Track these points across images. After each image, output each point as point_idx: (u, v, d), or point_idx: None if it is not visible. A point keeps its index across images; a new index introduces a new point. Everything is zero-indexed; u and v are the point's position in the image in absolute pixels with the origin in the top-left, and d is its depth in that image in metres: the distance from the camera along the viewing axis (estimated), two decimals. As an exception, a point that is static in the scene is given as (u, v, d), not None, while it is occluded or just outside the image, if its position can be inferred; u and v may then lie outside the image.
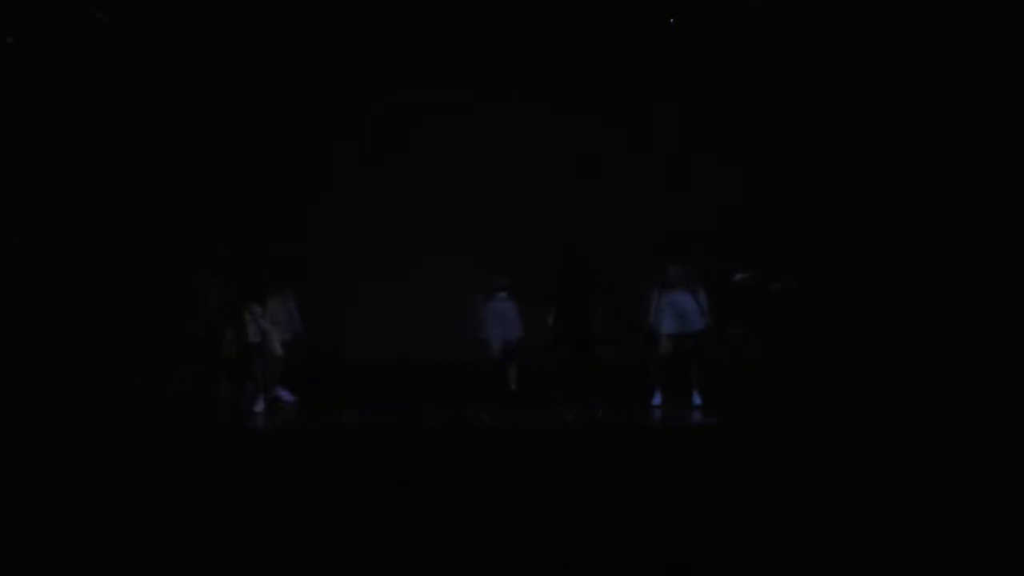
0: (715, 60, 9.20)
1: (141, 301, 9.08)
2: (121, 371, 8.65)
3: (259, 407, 8.02)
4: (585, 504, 5.46)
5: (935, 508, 5.41)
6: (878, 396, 8.60)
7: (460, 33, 8.94)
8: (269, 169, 9.57)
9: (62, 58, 8.65)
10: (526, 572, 4.56)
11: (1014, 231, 8.88)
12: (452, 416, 7.70)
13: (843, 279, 9.35)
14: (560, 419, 7.72)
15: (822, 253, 9.39)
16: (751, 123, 9.74)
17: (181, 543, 4.86)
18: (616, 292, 8.43)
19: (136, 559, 4.65)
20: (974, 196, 9.08)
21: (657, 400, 8.37)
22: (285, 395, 8.29)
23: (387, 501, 5.47)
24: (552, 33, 8.92)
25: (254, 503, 5.52)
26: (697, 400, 8.35)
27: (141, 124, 9.28)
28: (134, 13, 8.46)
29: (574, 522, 5.19)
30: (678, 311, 8.20)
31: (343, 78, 9.45)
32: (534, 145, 9.61)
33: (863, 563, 4.62)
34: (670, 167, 9.64)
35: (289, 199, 9.47)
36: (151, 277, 9.19)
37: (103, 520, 5.16)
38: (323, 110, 9.63)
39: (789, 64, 9.23)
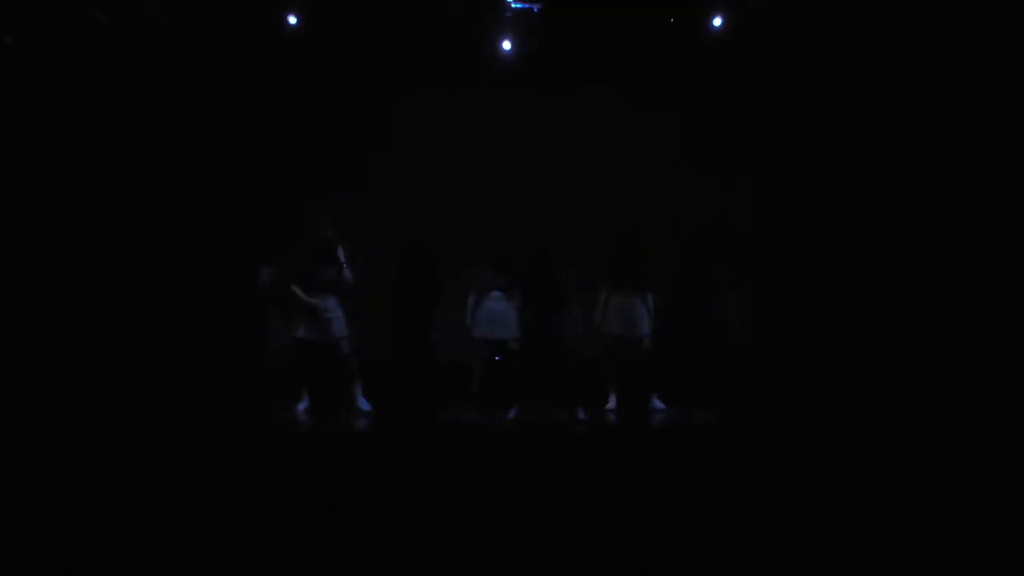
0: (715, 47, 9.05)
1: (140, 302, 9.12)
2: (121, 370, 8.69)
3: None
4: (579, 505, 5.47)
5: (929, 506, 5.42)
6: (881, 392, 8.62)
7: (460, 33, 8.96)
8: (269, 169, 9.59)
9: (62, 58, 8.66)
10: (525, 572, 4.57)
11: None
12: (449, 417, 7.69)
13: (845, 275, 9.36)
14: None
15: (825, 248, 9.41)
16: (754, 112, 9.66)
17: (180, 543, 4.87)
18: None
19: (136, 559, 4.67)
20: (977, 192, 9.08)
21: (612, 404, 8.16)
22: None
23: (383, 502, 5.47)
24: (550, 30, 8.94)
25: (253, 504, 5.53)
26: (659, 405, 8.16)
27: (141, 124, 9.31)
28: (134, 13, 8.48)
29: (571, 523, 5.19)
30: (624, 314, 8.01)
31: (342, 79, 9.48)
32: (533, 142, 9.61)
33: (858, 561, 4.63)
34: (668, 158, 9.62)
35: (288, 200, 9.49)
36: (150, 278, 9.23)
37: (107, 520, 5.19)
38: (322, 110, 9.66)
39: (793, 50, 9.12)
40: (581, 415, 7.72)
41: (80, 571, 4.64)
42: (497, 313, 8.05)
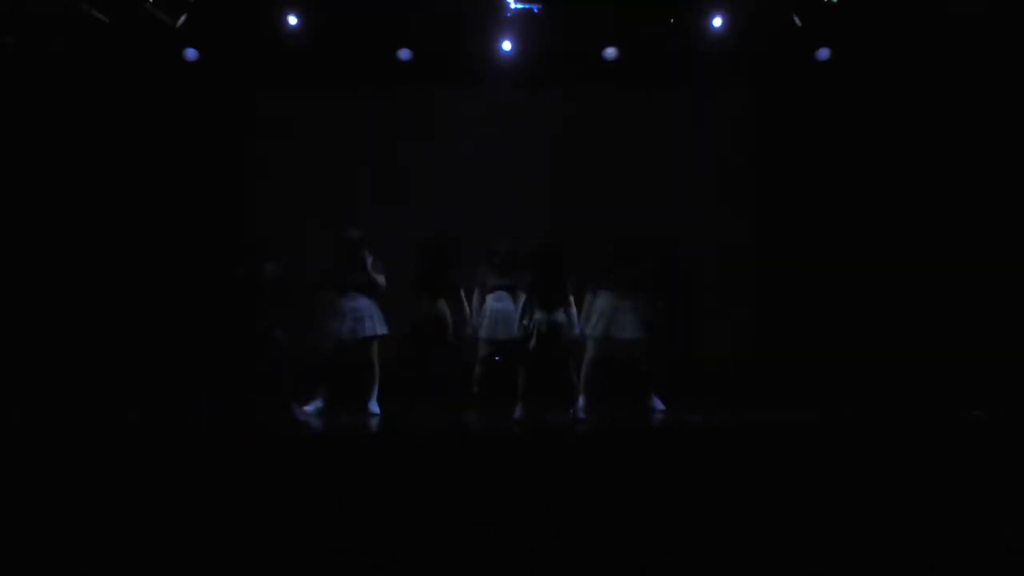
0: (715, 46, 8.99)
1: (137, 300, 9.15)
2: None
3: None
4: (579, 505, 5.46)
5: (930, 506, 5.41)
6: (881, 391, 8.62)
7: (460, 33, 8.96)
8: (269, 169, 9.61)
9: (62, 58, 8.67)
10: (525, 572, 4.56)
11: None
12: (448, 418, 7.68)
13: (846, 274, 9.37)
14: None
15: (826, 248, 9.41)
16: (754, 111, 9.65)
17: (177, 543, 4.87)
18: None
19: (138, 560, 4.67)
20: (978, 192, 9.10)
21: (580, 405, 7.96)
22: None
23: (383, 502, 5.47)
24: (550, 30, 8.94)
25: (251, 504, 5.53)
26: (659, 405, 8.03)
27: (141, 124, 9.32)
28: (134, 13, 8.48)
29: (571, 523, 5.19)
30: (616, 317, 7.83)
31: (341, 79, 9.49)
32: (533, 142, 9.62)
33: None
34: (669, 158, 9.62)
35: (288, 199, 9.52)
36: (151, 276, 9.25)
37: (108, 520, 5.19)
38: (321, 110, 9.67)
39: (793, 49, 9.05)
40: (581, 415, 7.71)
41: (83, 572, 4.64)
42: (501, 313, 8.02)
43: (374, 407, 8.02)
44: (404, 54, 8.99)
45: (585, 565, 4.65)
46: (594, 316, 7.90)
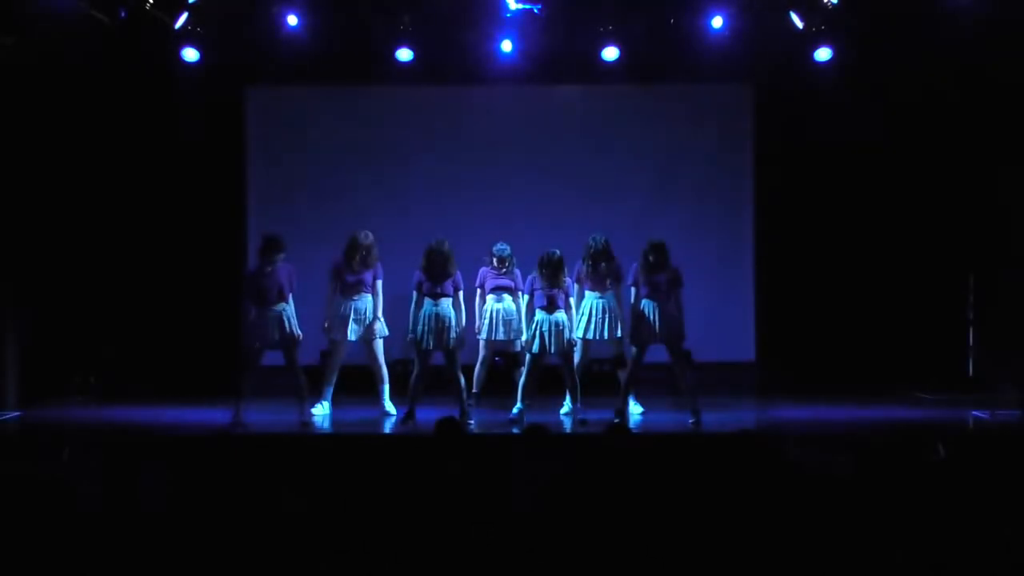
0: (715, 43, 8.96)
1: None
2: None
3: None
4: (579, 505, 5.46)
5: (929, 506, 5.41)
6: (881, 390, 8.63)
7: (460, 32, 8.97)
8: (270, 169, 9.61)
9: (62, 58, 8.67)
10: (525, 572, 4.57)
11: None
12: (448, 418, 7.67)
13: (847, 274, 9.38)
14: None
15: (826, 247, 9.42)
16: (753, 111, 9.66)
17: (185, 543, 4.88)
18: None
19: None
20: (981, 190, 9.11)
21: (568, 408, 7.92)
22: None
23: (382, 502, 5.47)
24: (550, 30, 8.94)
25: (249, 505, 5.53)
26: (638, 407, 7.94)
27: (141, 124, 9.32)
28: (135, 13, 8.49)
29: (571, 523, 5.19)
30: (595, 315, 7.77)
31: (340, 78, 9.50)
32: (533, 141, 9.62)
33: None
34: (664, 155, 9.63)
35: (290, 200, 9.53)
36: (153, 275, 9.26)
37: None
38: (321, 110, 9.67)
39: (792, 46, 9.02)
40: (581, 415, 7.71)
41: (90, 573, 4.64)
42: (501, 314, 8.00)
43: (389, 406, 8.03)
44: (404, 54, 8.98)
45: (585, 566, 4.65)
46: (578, 318, 7.85)
